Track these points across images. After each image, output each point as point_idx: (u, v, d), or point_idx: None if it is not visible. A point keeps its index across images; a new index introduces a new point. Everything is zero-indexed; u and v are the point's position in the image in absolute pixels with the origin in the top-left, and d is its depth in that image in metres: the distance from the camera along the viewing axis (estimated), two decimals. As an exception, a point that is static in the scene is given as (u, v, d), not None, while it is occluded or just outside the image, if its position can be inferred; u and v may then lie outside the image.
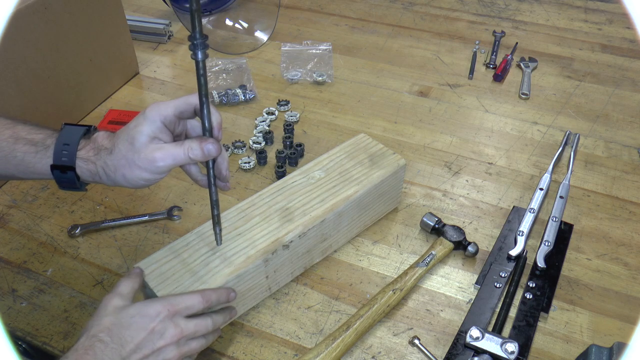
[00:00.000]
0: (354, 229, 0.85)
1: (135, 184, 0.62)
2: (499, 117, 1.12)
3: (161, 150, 0.61)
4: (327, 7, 1.52)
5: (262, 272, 0.73)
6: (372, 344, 0.73)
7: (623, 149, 1.04)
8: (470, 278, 0.81)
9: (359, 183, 0.80)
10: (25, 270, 0.82)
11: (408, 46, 1.35)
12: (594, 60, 1.29)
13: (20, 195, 0.94)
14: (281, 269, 0.76)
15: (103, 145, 0.62)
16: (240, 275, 0.69)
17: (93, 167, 0.62)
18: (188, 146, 0.61)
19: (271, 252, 0.72)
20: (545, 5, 1.52)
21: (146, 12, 1.48)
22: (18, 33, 0.91)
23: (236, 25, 1.42)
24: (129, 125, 0.62)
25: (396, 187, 0.87)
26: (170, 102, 0.62)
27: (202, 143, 0.61)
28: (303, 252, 0.77)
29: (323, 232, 0.78)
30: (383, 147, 0.86)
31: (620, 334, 0.74)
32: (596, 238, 0.87)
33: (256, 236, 0.73)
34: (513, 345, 0.68)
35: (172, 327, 0.60)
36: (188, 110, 0.63)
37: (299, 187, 0.79)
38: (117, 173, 0.61)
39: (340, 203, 0.77)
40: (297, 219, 0.75)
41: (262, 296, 0.77)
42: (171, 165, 0.61)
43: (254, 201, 0.78)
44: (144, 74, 1.25)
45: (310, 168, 0.82)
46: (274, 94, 1.19)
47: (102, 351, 0.56)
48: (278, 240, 0.72)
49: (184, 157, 0.61)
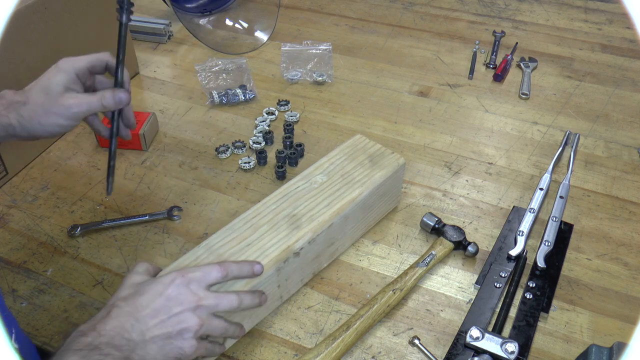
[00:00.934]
0: (358, 231, 0.85)
1: (52, 130, 0.66)
2: (499, 117, 1.12)
3: (76, 98, 0.67)
4: (327, 7, 1.52)
5: (275, 281, 0.72)
6: (372, 344, 0.73)
7: (623, 149, 1.04)
8: (470, 278, 0.81)
9: (362, 185, 0.80)
10: (25, 270, 0.82)
11: (408, 46, 1.35)
12: (594, 60, 1.30)
13: (20, 195, 0.94)
14: (292, 276, 0.75)
15: (14, 100, 0.66)
16: (254, 286, 0.68)
17: (5, 119, 0.65)
18: (101, 95, 0.68)
19: (283, 260, 0.71)
20: (545, 5, 1.52)
21: (146, 12, 1.48)
22: (18, 33, 0.91)
23: (236, 25, 1.42)
24: (41, 78, 0.67)
25: (397, 187, 0.87)
26: (82, 57, 0.70)
27: (114, 92, 0.69)
28: (312, 258, 0.77)
29: (331, 236, 0.78)
30: (381, 147, 0.86)
31: (620, 334, 0.74)
32: (596, 238, 0.87)
33: (266, 245, 0.72)
34: (513, 345, 0.68)
35: (187, 293, 0.59)
36: (99, 66, 0.71)
37: (302, 193, 0.79)
38: (32, 121, 0.65)
39: (346, 206, 0.77)
40: (306, 225, 0.74)
41: (274, 305, 0.76)
42: (85, 111, 0.67)
43: (259, 210, 0.76)
44: (144, 74, 1.25)
45: (311, 172, 0.82)
46: (274, 94, 1.19)
47: (117, 315, 0.56)
48: (289, 248, 0.72)
49: (97, 104, 0.68)
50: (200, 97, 1.17)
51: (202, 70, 1.21)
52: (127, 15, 0.70)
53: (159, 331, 0.57)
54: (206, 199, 0.94)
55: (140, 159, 1.01)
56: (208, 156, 1.03)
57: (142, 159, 1.01)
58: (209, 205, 0.93)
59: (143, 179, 0.97)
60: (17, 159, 0.98)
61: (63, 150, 1.03)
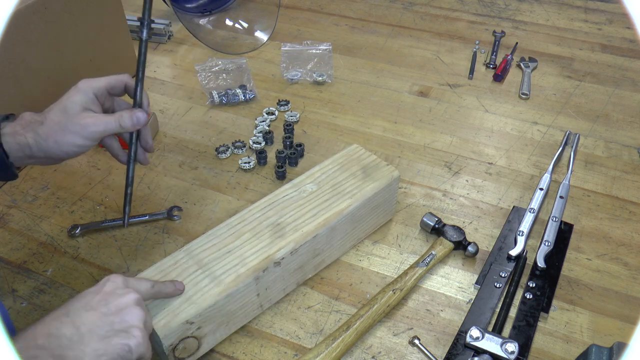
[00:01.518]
0: (347, 243, 0.83)
1: (68, 149, 0.65)
2: (499, 117, 1.12)
3: (93, 117, 0.66)
4: (327, 7, 1.52)
5: (254, 290, 0.71)
6: (372, 344, 0.73)
7: (623, 149, 1.04)
8: (470, 278, 0.81)
9: (352, 196, 0.78)
10: (25, 270, 0.82)
11: (408, 46, 1.35)
12: (594, 60, 1.30)
13: (20, 195, 0.94)
14: (273, 285, 0.74)
15: (32, 120, 0.65)
16: (231, 294, 0.68)
17: (22, 138, 0.64)
18: (119, 115, 0.67)
19: (262, 269, 0.70)
20: (545, 5, 1.52)
21: (146, 12, 1.48)
22: (18, 33, 0.91)
23: (236, 25, 1.42)
24: (60, 99, 0.66)
25: (390, 200, 0.85)
26: (102, 78, 0.69)
27: (132, 112, 0.68)
28: (295, 269, 0.76)
29: (315, 247, 0.76)
30: (376, 158, 0.84)
31: (620, 334, 0.74)
32: (596, 238, 0.87)
33: (246, 253, 0.71)
34: (513, 345, 0.68)
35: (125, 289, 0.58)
36: (119, 87, 0.70)
37: (290, 202, 0.77)
38: (48, 140, 0.64)
39: (333, 218, 0.75)
40: (289, 235, 0.73)
41: (254, 314, 0.75)
42: (102, 131, 0.66)
43: (244, 217, 0.75)
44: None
45: (302, 181, 0.80)
46: (274, 94, 1.19)
47: (48, 319, 0.54)
48: (269, 257, 0.71)
49: (114, 124, 0.67)
50: (200, 97, 1.17)
51: (202, 70, 1.21)
52: (148, 31, 0.68)
53: (98, 325, 0.53)
54: (206, 199, 0.94)
55: (140, 159, 1.01)
56: (208, 156, 1.03)
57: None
58: (209, 205, 0.93)
59: (143, 179, 0.97)
60: (17, 159, 0.98)
61: (63, 150, 1.03)
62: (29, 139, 0.64)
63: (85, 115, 0.65)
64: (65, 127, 0.64)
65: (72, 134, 0.64)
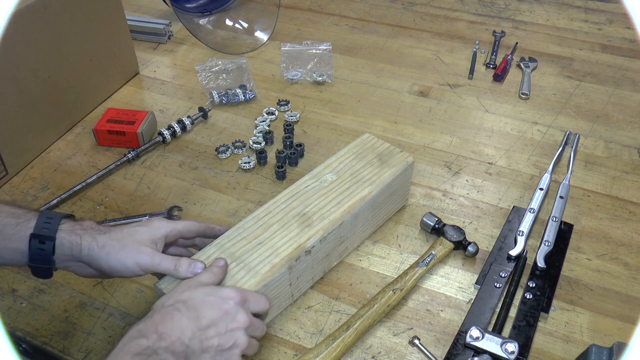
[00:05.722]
0: (367, 229, 0.85)
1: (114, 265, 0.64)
2: (499, 117, 1.12)
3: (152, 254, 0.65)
4: (327, 7, 1.52)
5: (287, 279, 0.72)
6: (372, 344, 0.73)
7: (623, 149, 1.04)
8: (470, 278, 0.81)
9: (371, 183, 0.80)
10: (25, 270, 0.82)
11: (408, 46, 1.35)
12: (594, 60, 1.30)
13: (20, 195, 0.94)
14: (303, 275, 0.76)
15: (94, 227, 0.65)
16: (267, 284, 0.69)
17: (77, 239, 0.63)
18: (177, 262, 0.66)
19: (295, 258, 0.71)
20: (545, 5, 1.52)
21: (146, 12, 1.48)
22: (18, 33, 0.91)
23: (236, 25, 1.42)
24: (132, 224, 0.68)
25: (405, 185, 0.88)
26: (180, 222, 0.70)
27: (191, 263, 0.66)
28: (323, 257, 0.77)
29: (341, 234, 0.78)
30: (390, 145, 0.86)
31: (620, 334, 0.74)
32: (596, 238, 0.87)
33: (277, 244, 0.72)
34: (513, 345, 0.68)
35: (243, 313, 0.61)
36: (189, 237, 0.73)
37: (312, 192, 0.79)
38: (102, 250, 0.63)
39: (357, 204, 0.77)
40: (317, 224, 0.74)
41: (285, 304, 0.77)
42: (153, 270, 0.65)
43: (270, 208, 0.77)
44: (144, 74, 1.25)
45: (320, 171, 0.82)
46: (274, 94, 1.19)
47: (180, 319, 0.57)
48: (300, 246, 0.72)
49: (169, 267, 0.65)
50: (200, 97, 1.17)
51: (202, 70, 1.21)
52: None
53: (215, 342, 0.58)
54: (206, 199, 0.94)
55: (140, 159, 1.01)
56: (208, 156, 1.03)
57: (142, 159, 1.01)
58: (209, 205, 0.93)
59: (143, 179, 0.97)
60: (17, 159, 0.98)
61: (63, 150, 1.03)
62: (83, 240, 0.63)
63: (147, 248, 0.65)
64: (124, 245, 0.64)
65: (126, 255, 0.64)
